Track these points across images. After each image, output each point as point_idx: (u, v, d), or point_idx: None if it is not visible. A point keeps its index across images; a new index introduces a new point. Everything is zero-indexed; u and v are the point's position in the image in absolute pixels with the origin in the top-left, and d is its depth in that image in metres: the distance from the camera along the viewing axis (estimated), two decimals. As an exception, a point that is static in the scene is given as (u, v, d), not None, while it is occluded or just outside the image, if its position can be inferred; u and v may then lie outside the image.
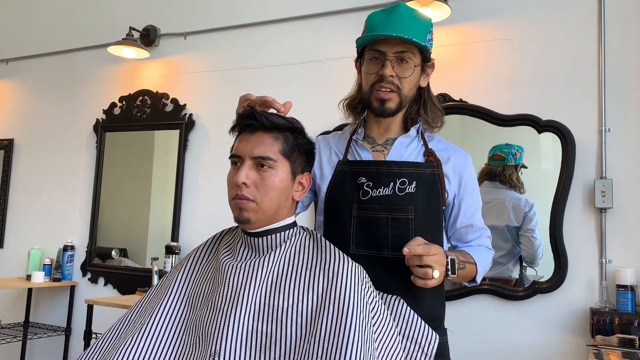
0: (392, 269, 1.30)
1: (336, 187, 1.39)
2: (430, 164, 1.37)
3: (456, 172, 1.39)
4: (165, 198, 3.40)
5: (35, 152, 3.92)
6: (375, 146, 1.42)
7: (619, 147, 2.35)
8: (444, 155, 1.40)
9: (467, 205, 1.41)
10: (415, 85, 1.38)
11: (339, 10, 2.98)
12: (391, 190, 1.33)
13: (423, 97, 1.42)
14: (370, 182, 1.35)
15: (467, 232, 1.43)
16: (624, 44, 2.39)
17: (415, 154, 1.39)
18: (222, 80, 3.31)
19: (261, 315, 1.06)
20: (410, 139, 1.41)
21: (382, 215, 1.33)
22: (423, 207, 1.33)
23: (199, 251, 1.25)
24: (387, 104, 1.35)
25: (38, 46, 4.03)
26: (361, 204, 1.35)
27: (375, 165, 1.37)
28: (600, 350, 2.03)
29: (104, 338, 1.18)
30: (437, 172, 1.36)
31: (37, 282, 3.38)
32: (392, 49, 1.32)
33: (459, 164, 1.40)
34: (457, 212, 1.41)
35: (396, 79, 1.33)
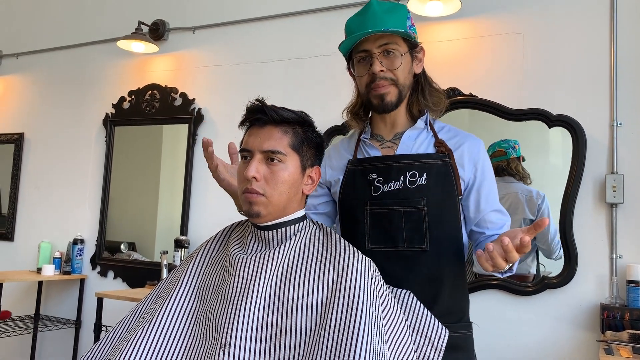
0: (408, 263, 1.30)
1: (348, 186, 1.40)
2: (441, 154, 1.35)
3: (470, 158, 1.37)
4: (173, 192, 3.41)
5: (45, 146, 3.95)
6: (384, 143, 1.42)
7: (631, 141, 2.33)
8: (455, 143, 1.38)
9: (488, 191, 1.38)
10: (410, 72, 1.37)
11: (346, 4, 2.97)
12: (402, 184, 1.33)
13: (420, 83, 1.42)
14: (380, 177, 1.35)
15: (494, 217, 1.39)
16: (636, 37, 2.37)
17: (425, 145, 1.38)
18: (231, 74, 3.31)
19: (271, 307, 1.07)
20: (418, 131, 1.40)
21: (395, 210, 1.32)
22: (436, 199, 1.32)
23: (209, 244, 1.25)
24: (386, 98, 1.34)
25: (48, 41, 4.05)
26: (373, 200, 1.35)
27: (385, 160, 1.37)
28: (610, 345, 2.02)
29: (115, 330, 1.18)
30: (449, 162, 1.35)
31: (47, 275, 3.41)
32: (374, 45, 1.33)
33: (473, 150, 1.38)
34: (477, 198, 1.38)
35: (388, 72, 1.34)
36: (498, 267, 1.12)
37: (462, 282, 1.38)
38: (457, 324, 1.32)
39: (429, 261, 1.31)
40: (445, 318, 1.28)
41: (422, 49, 1.41)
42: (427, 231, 1.31)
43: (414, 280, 1.29)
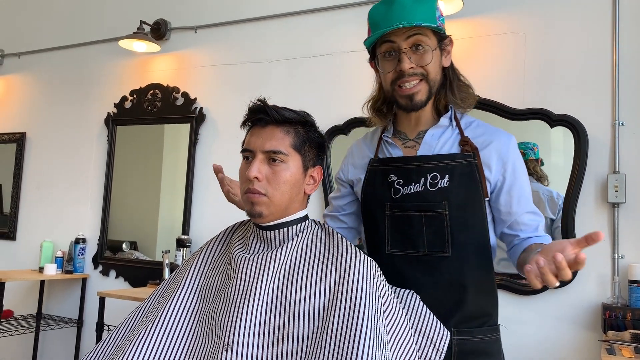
0: (429, 269, 1.25)
1: (369, 187, 1.35)
2: (465, 153, 1.27)
3: (499, 158, 1.28)
4: (175, 191, 3.41)
5: (47, 146, 3.95)
6: (406, 142, 1.34)
7: (633, 141, 2.32)
8: (483, 141, 1.29)
9: (520, 192, 1.29)
10: (440, 67, 1.29)
11: (349, 3, 2.96)
12: (422, 187, 1.26)
13: (448, 78, 1.32)
14: (400, 179, 1.29)
15: (527, 218, 1.30)
16: (638, 36, 2.36)
17: (450, 144, 1.29)
18: (233, 74, 3.31)
19: (273, 307, 1.07)
20: (442, 129, 1.32)
21: (415, 214, 1.26)
22: (459, 202, 1.25)
23: (212, 244, 1.25)
24: (416, 98, 1.26)
25: (50, 40, 4.05)
26: (393, 203, 1.29)
27: (405, 161, 1.30)
28: (612, 345, 2.01)
29: (117, 330, 1.19)
30: (473, 162, 1.26)
31: (49, 275, 3.42)
32: (403, 40, 1.24)
33: (502, 147, 1.28)
34: (508, 200, 1.29)
35: (418, 69, 1.25)
36: (549, 284, 1.03)
37: (488, 286, 1.31)
38: (481, 328, 1.26)
39: (451, 267, 1.25)
40: (469, 323, 1.25)
41: (452, 41, 1.31)
42: (449, 236, 1.24)
43: (435, 286, 1.24)
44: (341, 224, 1.50)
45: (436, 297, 1.23)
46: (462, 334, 1.24)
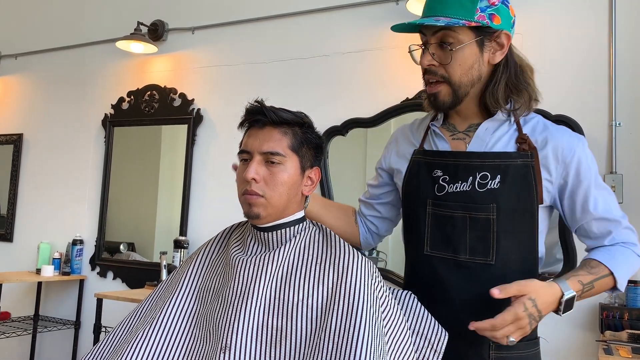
0: (469, 276, 1.16)
1: (411, 180, 1.25)
2: (522, 152, 1.15)
3: (559, 158, 1.15)
4: (173, 192, 3.41)
5: (44, 147, 3.95)
6: (455, 134, 1.23)
7: (630, 141, 2.33)
8: (543, 140, 1.16)
9: (585, 197, 1.16)
10: (472, 67, 1.15)
11: (346, 4, 2.96)
12: (470, 186, 1.16)
13: (495, 77, 1.18)
14: (446, 175, 1.19)
15: (592, 226, 1.19)
16: (634, 38, 2.37)
17: (505, 141, 1.18)
18: (230, 75, 3.31)
19: (271, 310, 1.07)
20: (498, 123, 1.20)
21: (459, 214, 1.16)
22: (509, 206, 1.14)
23: (209, 245, 1.25)
24: (438, 98, 1.18)
25: (46, 41, 4.05)
26: (436, 200, 1.20)
27: (453, 156, 1.20)
28: (609, 345, 2.02)
29: (115, 332, 1.18)
30: (530, 163, 1.14)
31: (46, 276, 3.41)
32: (432, 34, 1.15)
33: (564, 148, 1.15)
34: (572, 206, 1.18)
35: (440, 67, 1.15)
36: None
37: None
38: (520, 342, 1.15)
39: (493, 276, 1.14)
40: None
41: (505, 35, 1.16)
42: (494, 242, 1.14)
43: (475, 295, 1.14)
44: (375, 213, 1.44)
45: (475, 307, 1.14)
46: (501, 349, 1.15)
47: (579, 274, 1.12)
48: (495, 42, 1.16)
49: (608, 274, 1.13)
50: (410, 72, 2.75)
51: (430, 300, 1.19)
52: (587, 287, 1.12)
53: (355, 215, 1.47)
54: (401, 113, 2.78)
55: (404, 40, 2.85)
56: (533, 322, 1.06)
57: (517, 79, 1.20)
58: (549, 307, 1.08)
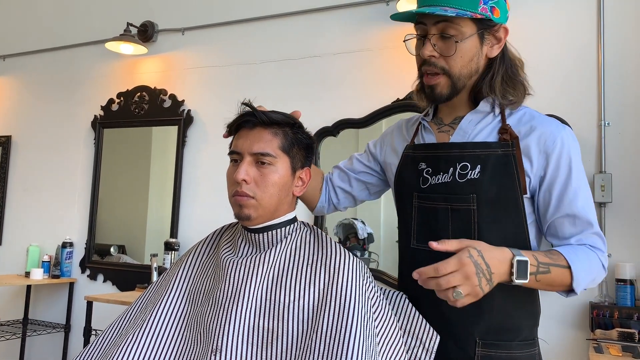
0: None
1: (401, 174, 1.26)
2: (503, 142, 1.13)
3: (541, 148, 1.12)
4: (163, 194, 3.39)
5: (33, 149, 3.91)
6: (441, 127, 1.23)
7: (618, 141, 2.35)
8: (527, 130, 1.14)
9: (561, 191, 1.12)
10: (472, 60, 1.14)
11: (337, 5, 2.97)
12: (450, 177, 1.15)
13: (492, 70, 1.17)
14: (429, 167, 1.18)
15: (563, 224, 1.13)
16: (623, 38, 2.39)
17: (488, 131, 1.16)
18: (221, 76, 3.30)
19: (262, 311, 1.06)
20: (482, 115, 1.19)
21: (442, 206, 1.15)
22: (490, 196, 1.11)
23: (200, 247, 1.24)
24: (436, 90, 1.16)
25: (35, 42, 4.01)
26: (421, 193, 1.19)
27: (435, 148, 1.19)
28: (600, 344, 2.03)
29: (105, 334, 1.17)
30: (511, 152, 1.12)
31: (36, 279, 3.38)
32: (432, 24, 1.12)
33: (547, 137, 1.12)
34: (547, 199, 1.13)
35: (441, 59, 1.13)
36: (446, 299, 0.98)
37: (522, 296, 1.14)
38: (511, 342, 1.12)
39: None
40: (496, 336, 1.12)
41: (504, 29, 1.17)
42: (475, 234, 1.11)
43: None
44: (346, 185, 1.42)
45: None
46: (488, 347, 1.12)
47: (536, 253, 1.06)
48: (494, 35, 1.16)
49: (566, 266, 1.06)
50: (401, 72, 2.75)
51: (416, 295, 1.17)
52: (542, 267, 1.04)
53: (322, 182, 1.44)
54: (392, 113, 2.78)
55: (395, 41, 2.86)
56: (482, 279, 0.97)
57: (512, 72, 1.19)
58: (498, 266, 0.99)
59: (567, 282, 1.07)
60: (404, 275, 1.25)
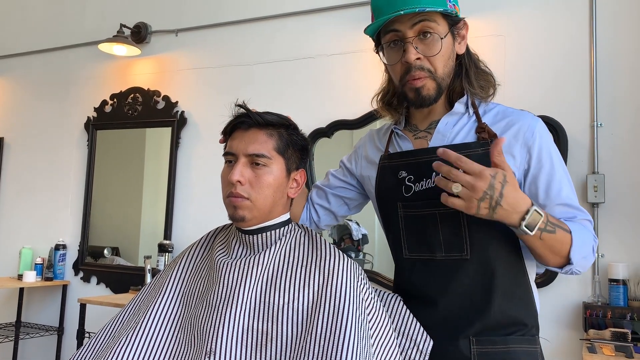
0: (448, 274, 1.13)
1: (381, 186, 1.24)
2: (482, 141, 1.12)
3: (522, 142, 1.12)
4: (157, 196, 3.38)
5: (25, 151, 3.89)
6: (417, 133, 1.22)
7: (611, 142, 2.36)
8: (504, 126, 1.14)
9: (547, 181, 1.12)
10: (451, 57, 1.15)
11: (331, 6, 2.97)
12: (434, 182, 1.12)
13: (464, 66, 1.18)
14: (411, 175, 1.17)
15: (554, 213, 1.11)
16: (615, 39, 2.40)
17: (465, 132, 1.16)
18: (214, 77, 3.29)
19: (257, 313, 1.06)
20: (457, 117, 1.18)
21: (428, 212, 1.14)
22: None
23: (193, 249, 1.24)
24: (423, 92, 1.13)
25: (28, 44, 3.99)
26: (405, 202, 1.17)
27: (414, 155, 1.18)
28: (593, 344, 2.04)
29: (97, 337, 1.16)
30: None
31: (28, 282, 3.36)
32: (409, 27, 1.10)
33: (525, 130, 1.13)
34: (534, 192, 1.13)
35: (425, 60, 1.12)
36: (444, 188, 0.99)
37: (520, 291, 1.14)
38: (509, 336, 1.11)
39: (471, 270, 1.11)
40: (494, 332, 1.11)
41: (466, 24, 1.18)
42: (466, 236, 1.11)
43: (455, 293, 1.12)
44: (324, 202, 1.42)
45: (456, 305, 1.11)
46: (483, 343, 1.10)
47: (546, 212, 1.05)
48: (459, 33, 1.17)
49: (568, 231, 1.06)
50: (395, 74, 2.76)
51: (414, 302, 1.17)
52: (549, 226, 1.03)
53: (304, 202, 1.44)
54: (386, 115, 2.78)
55: (388, 42, 2.86)
56: (486, 200, 0.98)
57: (478, 66, 1.20)
58: (513, 203, 0.99)
59: (566, 249, 1.06)
60: (400, 288, 1.23)
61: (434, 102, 1.16)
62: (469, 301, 1.10)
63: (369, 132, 1.37)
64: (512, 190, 0.99)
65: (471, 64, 1.19)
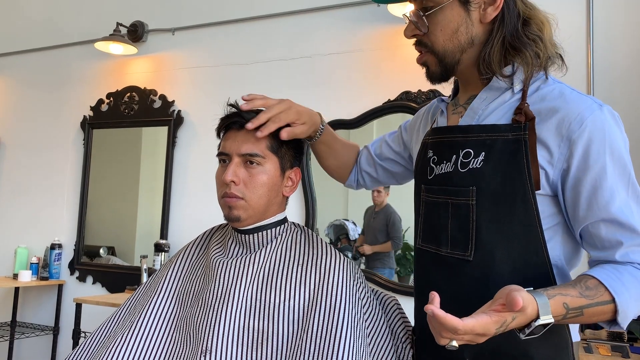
0: (450, 272, 0.97)
1: (417, 165, 1.12)
2: (515, 124, 0.93)
3: (563, 133, 0.90)
4: (153, 195, 3.37)
5: (21, 150, 3.88)
6: (456, 108, 1.07)
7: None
8: (548, 109, 0.92)
9: (592, 188, 0.89)
10: (456, 31, 0.97)
11: (327, 6, 2.96)
12: (453, 166, 0.98)
13: (491, 36, 0.98)
14: (435, 156, 1.03)
15: (598, 231, 0.90)
16: (612, 40, 2.40)
17: (502, 112, 0.96)
18: (211, 76, 3.29)
19: (253, 312, 1.06)
20: (498, 92, 0.99)
21: (442, 200, 0.99)
22: (493, 190, 0.92)
23: (189, 248, 1.24)
24: (430, 69, 1.03)
25: (24, 42, 3.98)
26: (427, 185, 1.04)
27: (440, 133, 1.04)
28: (589, 344, 2.04)
29: (93, 336, 1.16)
30: (523, 137, 0.92)
31: (24, 281, 3.35)
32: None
33: (571, 120, 0.89)
34: (573, 199, 0.91)
35: (424, 36, 1.01)
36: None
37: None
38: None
39: (472, 275, 0.94)
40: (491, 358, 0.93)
41: None
42: (473, 233, 0.94)
43: (453, 297, 0.95)
44: (371, 170, 1.33)
45: (455, 310, 0.87)
46: (483, 353, 0.93)
47: (568, 293, 0.84)
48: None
49: (608, 301, 0.85)
50: (392, 73, 2.75)
51: (419, 301, 1.09)
52: (572, 313, 0.83)
53: (355, 160, 1.36)
54: (383, 114, 2.78)
55: (386, 42, 2.86)
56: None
57: (517, 34, 0.97)
58: (515, 327, 0.81)
59: (608, 318, 0.87)
60: (414, 279, 1.13)
61: (444, 79, 1.03)
62: (470, 309, 0.87)
63: (431, 103, 1.22)
64: (517, 323, 0.80)
65: (498, 34, 0.97)
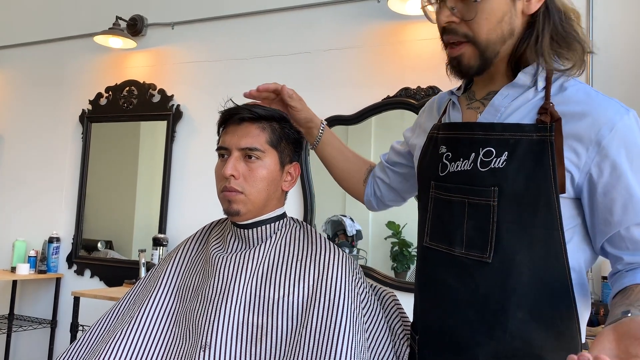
0: (463, 275, 0.94)
1: (423, 159, 1.07)
2: (540, 125, 0.89)
3: (592, 137, 0.87)
4: (152, 189, 3.37)
5: (20, 143, 3.87)
6: (472, 103, 1.02)
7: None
8: (576, 112, 0.89)
9: (626, 192, 0.87)
10: (501, 20, 0.91)
11: (328, 1, 2.96)
12: (471, 164, 0.94)
13: (536, 29, 0.93)
14: (449, 152, 0.98)
15: (633, 234, 0.88)
16: (611, 39, 2.40)
17: (526, 111, 0.93)
18: (210, 71, 3.28)
19: (252, 307, 1.06)
20: (521, 90, 0.95)
21: (457, 199, 0.95)
22: (515, 191, 0.89)
23: (189, 243, 1.24)
24: (463, 62, 0.95)
25: (22, 35, 3.96)
26: (438, 182, 1.00)
27: (456, 129, 0.99)
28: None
29: (92, 331, 1.16)
30: (548, 138, 0.88)
31: (22, 274, 3.35)
32: None
33: (602, 124, 0.87)
34: (606, 204, 0.88)
35: (462, 24, 0.93)
36: None
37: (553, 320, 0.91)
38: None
39: (490, 277, 0.91)
40: None
41: None
42: (493, 235, 0.91)
43: (467, 300, 0.93)
44: (385, 177, 1.28)
45: (468, 312, 0.93)
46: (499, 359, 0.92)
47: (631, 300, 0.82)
48: None
49: None
50: (391, 69, 2.75)
51: (422, 299, 1.05)
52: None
53: (368, 173, 1.32)
54: (382, 111, 2.78)
55: (386, 38, 2.86)
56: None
57: (564, 28, 0.94)
58: None
59: None
60: (417, 277, 1.09)
61: (479, 73, 0.97)
62: (482, 314, 0.92)
63: (434, 97, 1.18)
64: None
65: (547, 27, 0.93)
